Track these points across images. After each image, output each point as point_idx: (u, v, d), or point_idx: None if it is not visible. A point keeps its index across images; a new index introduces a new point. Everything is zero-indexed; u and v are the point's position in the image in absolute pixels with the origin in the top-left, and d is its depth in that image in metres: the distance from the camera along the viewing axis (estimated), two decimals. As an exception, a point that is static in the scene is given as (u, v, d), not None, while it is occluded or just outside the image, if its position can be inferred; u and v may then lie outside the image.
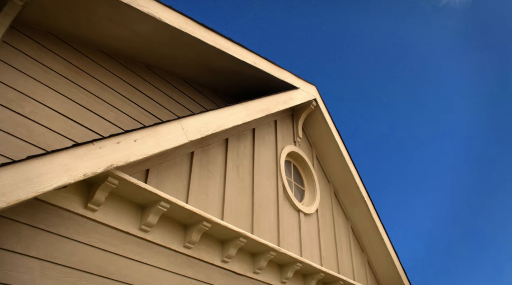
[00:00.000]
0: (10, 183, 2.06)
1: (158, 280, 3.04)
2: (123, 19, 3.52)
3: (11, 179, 2.07)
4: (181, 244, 3.30)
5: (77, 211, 2.70)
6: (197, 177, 3.71)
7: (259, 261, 3.88)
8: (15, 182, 2.09)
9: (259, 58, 4.71)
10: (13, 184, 2.07)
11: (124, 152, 2.68)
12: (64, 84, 3.32)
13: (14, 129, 2.85)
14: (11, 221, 2.38)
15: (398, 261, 6.28)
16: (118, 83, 3.78)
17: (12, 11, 2.97)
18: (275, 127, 5.21)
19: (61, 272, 2.51)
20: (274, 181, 4.76)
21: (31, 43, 3.23)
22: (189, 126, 3.26)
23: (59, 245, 2.55)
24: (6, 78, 2.95)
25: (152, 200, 3.00)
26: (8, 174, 2.08)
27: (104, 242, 2.79)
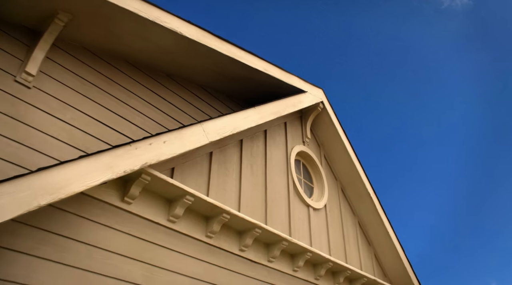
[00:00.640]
0: (66, 178, 2.47)
1: (185, 265, 3.44)
2: (147, 34, 3.93)
3: (67, 175, 2.48)
4: (204, 234, 3.70)
5: (115, 203, 3.11)
6: (216, 174, 4.11)
7: (272, 250, 4.27)
8: (70, 178, 2.50)
9: (269, 65, 5.10)
10: (68, 179, 2.48)
11: (155, 152, 3.09)
12: (97, 93, 3.74)
13: (58, 133, 3.27)
14: (62, 211, 2.79)
15: (404, 254, 6.62)
16: (143, 91, 4.19)
17: (55, 31, 3.39)
18: (285, 128, 5.59)
19: (103, 255, 2.92)
20: (285, 178, 5.15)
21: (69, 58, 3.65)
22: (209, 128, 3.66)
23: (101, 232, 2.96)
24: (50, 89, 3.37)
25: (178, 194, 3.40)
26: (65, 171, 2.49)
27: (138, 231, 3.20)
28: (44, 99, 3.31)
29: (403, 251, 6.61)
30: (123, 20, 3.68)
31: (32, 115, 3.18)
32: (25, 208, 2.24)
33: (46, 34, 3.38)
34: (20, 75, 3.22)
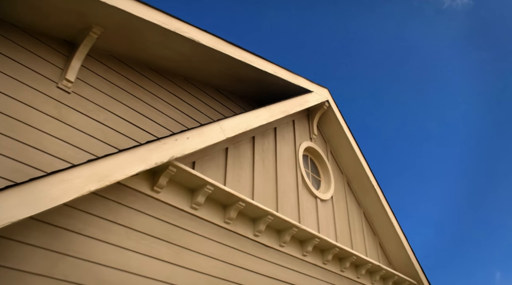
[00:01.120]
0: (110, 168, 2.95)
1: (206, 247, 3.90)
2: (169, 42, 4.39)
3: (111, 166, 2.95)
4: (222, 220, 4.16)
5: (146, 192, 3.58)
6: (231, 167, 4.57)
7: (283, 236, 4.72)
8: (113, 168, 2.97)
9: (278, 68, 5.55)
10: (112, 169, 2.95)
11: (180, 147, 3.56)
12: (125, 96, 4.21)
13: (94, 132, 3.75)
14: (104, 198, 3.27)
15: (407, 243, 7.02)
16: (165, 94, 4.66)
17: (89, 42, 3.87)
18: (293, 126, 6.04)
19: (138, 236, 3.39)
20: (294, 172, 5.59)
21: (101, 66, 4.13)
22: (226, 126, 4.12)
23: (135, 216, 3.44)
24: (86, 93, 3.85)
25: (200, 184, 3.86)
26: (108, 162, 2.96)
27: (166, 216, 3.67)
28: (81, 102, 3.79)
29: (407, 240, 7.02)
30: (148, 32, 4.15)
31: (72, 117, 3.66)
32: (79, 192, 2.71)
33: (82, 46, 3.86)
34: (61, 82, 3.71)
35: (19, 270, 2.63)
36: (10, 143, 3.12)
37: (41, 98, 3.52)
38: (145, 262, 3.34)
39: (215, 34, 4.69)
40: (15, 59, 3.49)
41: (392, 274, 6.47)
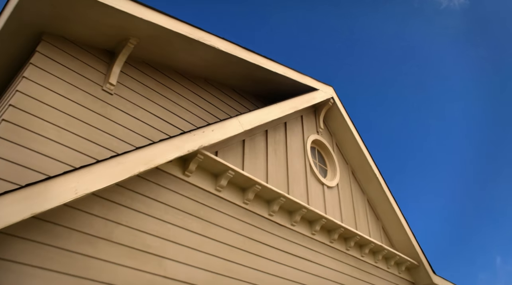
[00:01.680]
0: (153, 154, 3.65)
1: (228, 222, 4.59)
2: (192, 49, 5.08)
3: (154, 152, 3.66)
4: (241, 201, 4.85)
5: (179, 176, 4.29)
6: (248, 156, 5.26)
7: (294, 216, 5.39)
8: (155, 154, 3.67)
9: (287, 69, 6.22)
10: (155, 155, 3.66)
11: (207, 138, 4.25)
12: (156, 96, 4.92)
13: (132, 126, 4.45)
14: (146, 180, 3.97)
15: (408, 227, 7.65)
16: (189, 94, 5.36)
17: (127, 51, 4.58)
18: (301, 121, 6.71)
19: (175, 212, 4.09)
20: (303, 161, 6.26)
21: (136, 71, 4.83)
22: (243, 120, 4.81)
23: (171, 196, 4.14)
24: (125, 94, 4.56)
25: (223, 169, 4.56)
26: (152, 149, 3.66)
27: (195, 196, 4.37)
28: (122, 102, 4.50)
29: (408, 224, 7.65)
30: (175, 41, 4.85)
31: (115, 114, 4.36)
32: (131, 172, 3.42)
33: (121, 54, 4.57)
34: (105, 85, 4.42)
35: (86, 233, 3.34)
36: (69, 136, 3.83)
37: (90, 99, 4.24)
38: (180, 233, 4.04)
39: (232, 41, 5.38)
40: (69, 67, 4.21)
41: (394, 254, 7.11)
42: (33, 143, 3.55)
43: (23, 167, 3.41)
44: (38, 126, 3.68)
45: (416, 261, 7.59)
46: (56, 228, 3.20)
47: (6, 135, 3.43)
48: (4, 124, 3.48)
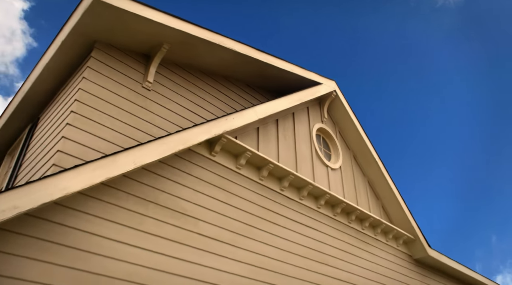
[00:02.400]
0: (189, 137, 4.62)
1: (247, 194, 5.55)
2: (213, 51, 6.04)
3: (189, 135, 4.63)
4: (257, 177, 5.82)
5: (206, 155, 5.26)
6: (262, 141, 6.21)
7: (302, 191, 6.34)
8: (190, 136, 4.65)
9: (294, 66, 7.15)
10: (190, 137, 4.63)
11: (229, 124, 5.22)
12: (184, 91, 5.88)
13: (168, 117, 5.42)
14: (182, 158, 4.95)
15: (405, 205, 8.55)
16: (211, 89, 6.32)
17: (161, 55, 5.55)
18: (307, 111, 7.64)
19: (204, 184, 5.06)
20: (309, 146, 7.20)
21: (167, 71, 5.80)
22: (258, 110, 5.76)
23: (201, 171, 5.11)
24: (161, 90, 5.53)
25: (242, 150, 5.52)
26: (187, 132, 4.64)
27: (220, 172, 5.34)
28: (158, 97, 5.47)
29: (405, 203, 8.55)
30: (199, 45, 5.80)
31: (153, 107, 5.34)
32: (173, 150, 4.40)
33: (156, 57, 5.54)
34: (144, 83, 5.40)
35: (139, 197, 4.33)
36: (119, 124, 4.81)
37: (133, 94, 5.22)
38: (208, 200, 5.02)
39: (247, 44, 6.33)
40: (115, 68, 5.19)
41: (392, 228, 8.03)
42: (93, 129, 4.55)
43: (87, 147, 4.40)
44: (96, 116, 4.67)
45: (412, 236, 8.50)
46: (119, 193, 4.19)
47: (74, 123, 4.43)
48: (72, 114, 4.47)
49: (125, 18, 4.96)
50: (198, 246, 4.65)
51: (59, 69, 5.48)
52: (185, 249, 4.51)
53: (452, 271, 9.71)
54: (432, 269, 9.37)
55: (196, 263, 4.53)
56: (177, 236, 4.49)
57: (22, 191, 3.17)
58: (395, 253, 8.27)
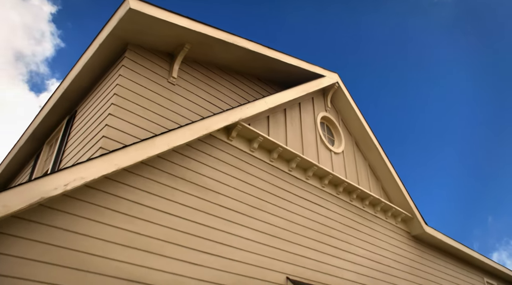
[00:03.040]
0: (210, 124, 5.48)
1: (259, 174, 6.41)
2: (228, 49, 6.86)
3: (210, 122, 5.49)
4: (268, 159, 6.67)
5: (224, 140, 6.12)
6: (271, 128, 7.06)
7: (308, 172, 7.19)
8: (211, 123, 5.51)
9: (299, 61, 7.96)
10: (211, 124, 5.49)
11: (243, 113, 6.07)
12: (203, 85, 6.73)
13: (190, 107, 6.27)
14: (203, 142, 5.81)
15: (403, 186, 9.35)
16: (226, 83, 7.16)
17: (183, 53, 6.39)
18: (312, 101, 8.45)
19: (223, 164, 5.93)
20: (314, 133, 8.03)
21: (188, 67, 6.65)
22: (268, 100, 6.60)
23: (221, 153, 5.97)
24: (183, 85, 6.39)
25: (255, 136, 6.37)
26: (208, 120, 5.50)
27: (236, 154, 6.19)
28: (182, 90, 6.33)
29: (403, 184, 9.35)
30: (216, 44, 6.64)
31: (177, 99, 6.20)
32: (198, 135, 5.26)
33: (179, 56, 6.39)
34: (169, 78, 6.25)
35: (170, 173, 5.20)
36: (150, 113, 5.68)
37: (161, 88, 6.08)
38: (226, 177, 5.89)
39: (257, 42, 7.15)
40: (145, 66, 6.05)
41: (391, 207, 8.85)
42: (129, 118, 5.42)
43: (125, 133, 5.28)
44: (132, 107, 5.54)
45: (410, 214, 9.31)
46: (154, 170, 5.07)
47: (115, 113, 5.31)
48: (113, 106, 5.35)
49: (154, 23, 5.80)
50: (219, 215, 5.53)
51: (95, 68, 6.36)
52: (208, 217, 5.39)
53: (449, 248, 10.51)
54: (430, 246, 10.18)
55: (217, 229, 5.42)
56: (201, 206, 5.37)
57: (87, 166, 4.06)
58: (394, 230, 9.09)
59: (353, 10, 38.14)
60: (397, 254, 8.79)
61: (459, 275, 11.08)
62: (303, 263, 6.40)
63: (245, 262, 5.54)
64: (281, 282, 5.88)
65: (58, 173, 3.86)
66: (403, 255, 9.00)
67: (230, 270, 5.30)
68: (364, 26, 39.12)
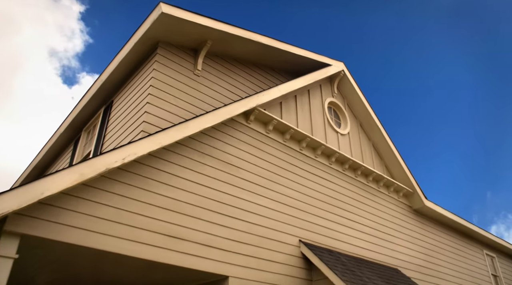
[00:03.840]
0: (231, 109, 6.47)
1: (274, 152, 7.39)
2: (244, 44, 7.80)
3: (231, 108, 6.47)
4: (281, 139, 7.65)
5: (244, 123, 7.10)
6: (284, 112, 8.02)
7: (317, 151, 8.15)
8: (233, 109, 6.49)
9: (308, 52, 8.86)
10: (232, 110, 6.47)
11: (260, 99, 7.03)
12: (225, 77, 7.69)
13: (213, 95, 7.25)
14: (225, 125, 6.80)
15: (404, 164, 10.26)
16: (243, 73, 8.11)
17: (205, 49, 7.35)
18: (320, 88, 9.38)
19: (243, 143, 6.91)
20: (322, 116, 8.97)
21: (210, 60, 7.61)
22: (281, 88, 7.56)
23: (240, 134, 6.96)
24: (206, 76, 7.36)
25: (270, 119, 7.34)
26: (231, 106, 6.48)
27: (254, 136, 7.18)
28: (206, 81, 7.30)
29: (404, 162, 10.25)
30: (233, 40, 7.57)
31: (202, 88, 7.18)
32: (222, 119, 6.26)
33: (202, 51, 7.35)
34: (195, 71, 7.23)
35: (199, 151, 6.21)
36: (180, 101, 6.66)
37: (188, 80, 7.05)
38: (245, 154, 6.88)
39: (270, 36, 8.08)
40: (174, 60, 7.02)
41: (393, 182, 9.79)
42: (163, 106, 6.42)
43: (161, 118, 6.29)
44: (165, 96, 6.54)
45: (411, 189, 10.24)
46: (187, 149, 6.08)
47: (152, 101, 6.31)
48: (150, 96, 6.35)
49: (181, 23, 6.77)
50: (240, 186, 6.54)
51: (129, 63, 7.37)
52: (231, 188, 6.40)
53: (448, 221, 11.43)
54: (430, 219, 11.11)
55: (239, 197, 6.43)
56: (225, 178, 6.38)
57: (138, 144, 5.08)
58: (396, 203, 10.04)
59: (356, 2, 41.42)
60: (399, 225, 9.74)
61: (460, 247, 12.00)
62: (313, 229, 7.41)
63: (264, 226, 6.56)
64: (294, 243, 6.89)
65: (117, 150, 4.89)
66: (405, 226, 9.95)
67: (252, 232, 6.32)
68: (367, 17, 42.22)
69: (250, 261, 6.07)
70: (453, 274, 10.85)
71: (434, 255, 10.52)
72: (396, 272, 8.42)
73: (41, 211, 4.29)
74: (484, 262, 12.80)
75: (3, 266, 3.94)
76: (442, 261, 10.71)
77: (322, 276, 6.54)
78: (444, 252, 11.05)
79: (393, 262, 8.88)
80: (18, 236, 4.11)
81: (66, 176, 4.40)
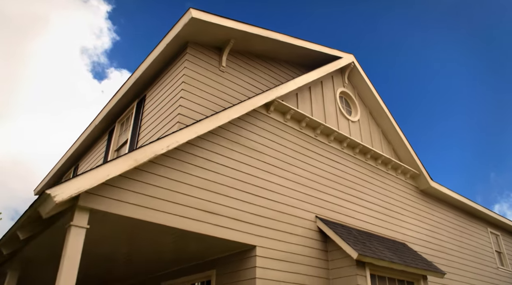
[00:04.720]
0: (255, 101, 7.35)
1: (291, 138, 8.27)
2: (263, 42, 8.63)
3: (254, 101, 7.36)
4: (298, 127, 8.52)
5: (265, 113, 7.98)
6: (300, 102, 8.87)
7: (330, 137, 9.02)
8: (256, 101, 7.38)
9: (320, 46, 9.67)
10: (255, 102, 7.36)
11: (278, 92, 7.90)
12: (247, 72, 8.55)
13: (235, 88, 8.13)
14: (250, 116, 7.69)
15: (411, 147, 11.07)
16: (263, 68, 8.96)
17: (229, 47, 8.20)
18: (332, 79, 10.19)
19: (264, 131, 7.80)
20: (334, 105, 9.81)
21: (233, 57, 8.47)
22: (297, 81, 8.41)
23: (263, 124, 7.85)
24: (230, 71, 8.23)
25: (287, 109, 8.21)
26: (254, 99, 7.36)
27: (274, 124, 8.06)
28: (230, 77, 8.18)
29: (411, 146, 11.06)
30: (254, 38, 8.41)
31: (226, 82, 8.06)
32: (247, 110, 7.14)
33: (226, 49, 8.21)
34: (220, 67, 8.10)
35: (228, 139, 7.13)
36: (208, 95, 7.56)
37: (214, 75, 7.93)
38: (268, 142, 7.77)
39: (286, 34, 8.91)
40: (201, 58, 7.90)
41: (400, 165, 10.62)
42: (194, 99, 7.34)
43: (193, 111, 7.20)
44: (195, 91, 7.44)
45: (417, 171, 11.06)
46: (218, 137, 6.99)
47: (185, 96, 7.22)
48: (183, 91, 7.26)
49: (208, 25, 7.63)
50: (263, 168, 7.45)
51: (161, 61, 8.27)
52: (255, 170, 7.31)
53: (453, 201, 12.25)
54: (437, 200, 11.94)
55: (262, 178, 7.34)
56: (251, 162, 7.29)
57: (178, 133, 6.00)
58: (404, 184, 10.89)
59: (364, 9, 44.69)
60: (406, 204, 10.60)
61: (464, 225, 12.82)
62: (328, 207, 8.31)
63: (284, 203, 7.48)
64: (311, 219, 7.81)
65: (163, 139, 5.82)
66: (412, 205, 10.81)
67: (274, 208, 7.25)
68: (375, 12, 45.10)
69: (273, 233, 7.01)
70: (457, 250, 11.70)
71: (440, 232, 11.37)
72: (403, 246, 9.31)
73: (105, 190, 5.24)
74: (488, 239, 13.62)
75: (79, 234, 4.91)
76: (447, 237, 11.56)
77: (337, 247, 7.46)
78: (450, 229, 11.88)
79: (401, 237, 9.76)
80: (88, 210, 5.07)
81: (123, 162, 5.34)
